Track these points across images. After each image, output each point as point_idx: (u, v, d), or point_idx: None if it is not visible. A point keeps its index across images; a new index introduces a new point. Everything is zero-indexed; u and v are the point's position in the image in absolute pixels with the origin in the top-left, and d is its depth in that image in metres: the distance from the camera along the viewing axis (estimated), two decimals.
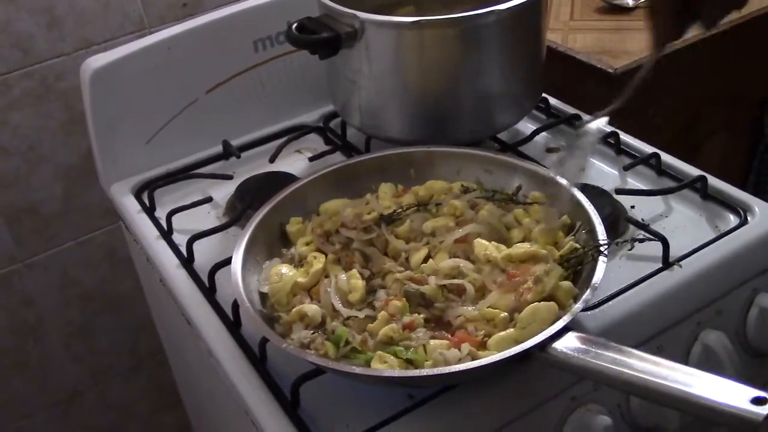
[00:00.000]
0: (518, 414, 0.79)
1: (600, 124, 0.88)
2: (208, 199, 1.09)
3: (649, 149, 1.07)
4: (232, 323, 0.87)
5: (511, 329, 0.73)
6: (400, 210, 0.89)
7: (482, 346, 0.73)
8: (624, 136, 1.10)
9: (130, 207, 1.11)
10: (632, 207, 0.99)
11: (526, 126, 1.17)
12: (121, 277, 1.50)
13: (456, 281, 0.79)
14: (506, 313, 0.75)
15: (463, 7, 1.00)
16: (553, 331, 0.69)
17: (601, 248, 0.78)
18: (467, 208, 0.87)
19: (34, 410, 1.53)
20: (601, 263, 0.76)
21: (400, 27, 0.99)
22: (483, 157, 0.95)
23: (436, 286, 0.79)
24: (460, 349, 0.72)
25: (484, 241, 0.82)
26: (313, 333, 0.76)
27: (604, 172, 1.07)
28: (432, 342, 0.73)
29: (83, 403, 1.58)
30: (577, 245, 0.82)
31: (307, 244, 0.88)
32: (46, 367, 1.50)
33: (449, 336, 0.75)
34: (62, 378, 1.53)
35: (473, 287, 0.79)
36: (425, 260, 0.83)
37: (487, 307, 0.76)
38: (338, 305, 0.79)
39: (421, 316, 0.77)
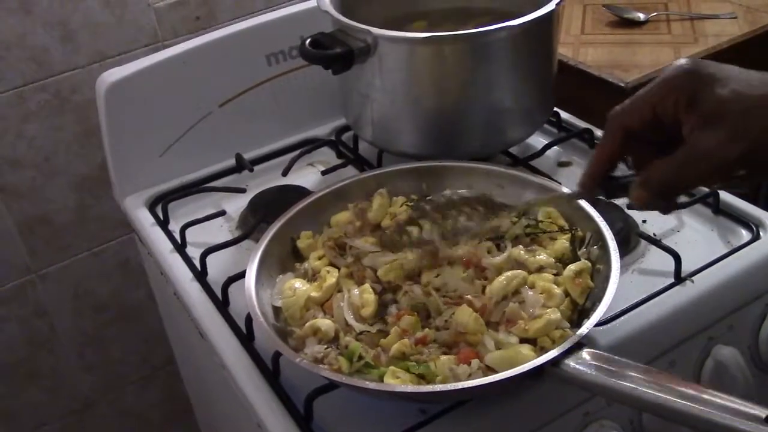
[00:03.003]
0: (531, 429, 0.79)
1: None
2: (222, 213, 1.10)
3: None
4: (246, 337, 0.88)
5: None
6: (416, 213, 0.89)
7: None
8: None
9: (144, 220, 1.12)
10: (644, 222, 0.99)
11: (538, 140, 1.17)
12: (134, 288, 1.51)
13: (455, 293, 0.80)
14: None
15: (476, 22, 1.01)
16: (567, 347, 0.70)
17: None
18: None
19: (48, 420, 1.54)
20: (614, 278, 0.76)
21: (412, 42, 1.00)
22: (494, 172, 0.95)
23: (436, 296, 0.79)
24: (469, 365, 0.72)
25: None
26: (326, 348, 0.77)
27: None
28: (442, 357, 0.73)
29: (96, 412, 1.58)
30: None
31: (320, 258, 0.88)
32: (59, 377, 1.51)
33: (459, 351, 0.75)
34: (75, 388, 1.54)
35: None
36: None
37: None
38: (351, 320, 0.79)
39: (433, 330, 0.77)
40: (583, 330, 0.71)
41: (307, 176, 1.18)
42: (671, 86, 0.67)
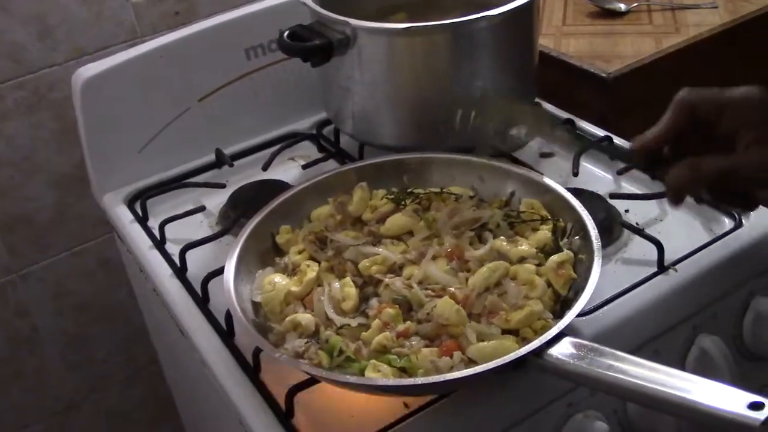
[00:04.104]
0: (515, 421, 0.79)
1: None
2: (201, 208, 1.08)
3: None
4: (226, 333, 0.87)
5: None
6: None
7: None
8: (618, 140, 1.10)
9: (123, 217, 1.11)
10: (626, 211, 0.99)
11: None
12: (116, 287, 1.50)
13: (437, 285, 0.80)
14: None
15: (455, 13, 1.00)
16: (549, 337, 0.69)
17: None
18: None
19: (31, 421, 1.52)
20: (596, 268, 0.76)
21: (392, 34, 0.99)
22: (476, 163, 0.95)
23: (418, 290, 0.79)
24: (451, 357, 0.72)
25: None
26: (306, 342, 0.76)
27: (598, 177, 1.07)
28: (423, 350, 0.73)
29: (80, 412, 1.57)
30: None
31: (300, 252, 0.87)
32: (42, 378, 1.50)
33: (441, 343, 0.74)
34: (58, 388, 1.53)
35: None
36: None
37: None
38: (331, 314, 0.79)
39: (415, 323, 0.76)
40: (566, 320, 0.71)
41: (287, 171, 1.17)
42: (745, 104, 0.75)
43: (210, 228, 1.07)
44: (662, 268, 0.88)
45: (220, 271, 0.86)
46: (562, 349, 0.69)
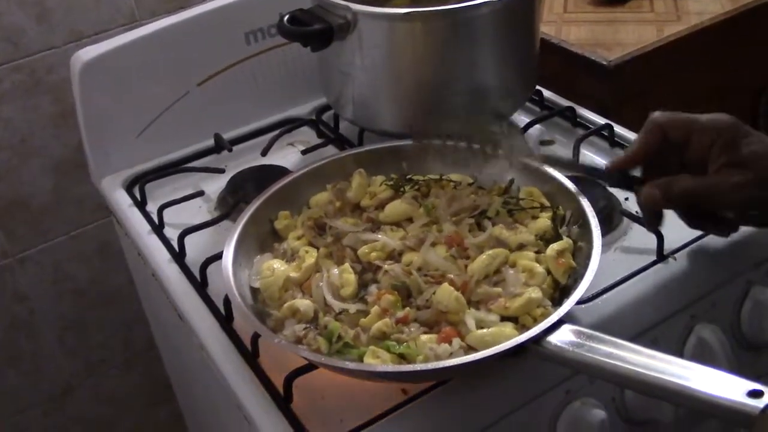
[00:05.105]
0: (513, 408, 0.79)
1: None
2: (200, 193, 1.08)
3: None
4: (224, 318, 0.87)
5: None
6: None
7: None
8: (618, 129, 1.10)
9: (121, 201, 1.11)
10: (626, 199, 0.98)
11: (520, 118, 1.16)
12: (114, 271, 1.49)
13: (436, 272, 0.79)
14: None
15: None
16: (548, 325, 0.69)
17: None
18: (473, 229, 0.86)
19: (29, 405, 1.53)
20: (596, 256, 0.76)
21: (392, 19, 0.98)
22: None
23: (417, 276, 0.78)
24: (450, 344, 0.72)
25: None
26: (305, 328, 0.76)
27: (598, 165, 1.07)
28: (422, 337, 0.73)
29: (77, 396, 1.57)
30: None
31: (299, 238, 0.87)
32: (39, 362, 1.50)
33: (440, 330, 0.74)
34: (56, 372, 1.53)
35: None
36: None
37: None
38: (330, 299, 0.78)
39: (414, 310, 0.76)
40: (565, 307, 0.71)
41: (287, 156, 1.16)
42: (714, 127, 0.77)
43: (209, 213, 1.07)
44: (661, 256, 0.88)
45: (218, 256, 0.86)
46: (561, 337, 0.69)
